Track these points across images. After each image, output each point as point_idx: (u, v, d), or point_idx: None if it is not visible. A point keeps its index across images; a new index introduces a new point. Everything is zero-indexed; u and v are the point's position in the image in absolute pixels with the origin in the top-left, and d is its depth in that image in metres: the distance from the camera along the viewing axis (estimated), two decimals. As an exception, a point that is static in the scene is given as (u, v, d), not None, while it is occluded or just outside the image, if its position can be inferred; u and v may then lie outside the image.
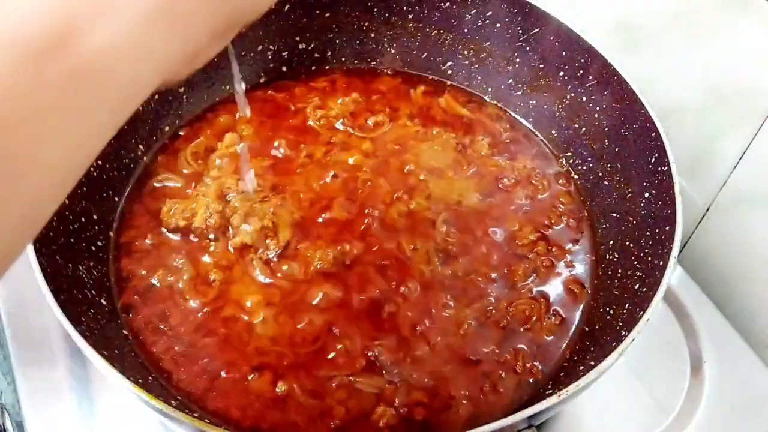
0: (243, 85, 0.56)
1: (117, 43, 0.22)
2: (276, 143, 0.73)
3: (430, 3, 0.78)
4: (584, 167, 0.73)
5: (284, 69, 0.81)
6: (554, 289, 0.64)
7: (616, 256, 0.65)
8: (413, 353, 0.57)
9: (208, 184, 0.66)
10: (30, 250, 0.48)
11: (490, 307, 0.61)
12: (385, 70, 0.83)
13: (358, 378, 0.56)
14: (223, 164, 0.69)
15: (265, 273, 0.61)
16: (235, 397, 0.54)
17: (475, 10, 0.77)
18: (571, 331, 0.61)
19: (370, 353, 0.57)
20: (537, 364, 0.58)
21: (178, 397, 0.54)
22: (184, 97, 0.74)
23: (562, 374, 0.58)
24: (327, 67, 0.82)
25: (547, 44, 0.74)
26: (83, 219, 0.60)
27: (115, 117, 0.24)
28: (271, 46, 0.79)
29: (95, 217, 0.62)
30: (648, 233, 0.61)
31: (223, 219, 0.63)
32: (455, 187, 0.70)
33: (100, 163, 0.64)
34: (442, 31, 0.80)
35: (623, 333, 0.51)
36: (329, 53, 0.82)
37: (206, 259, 0.62)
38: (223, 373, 0.55)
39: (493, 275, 0.63)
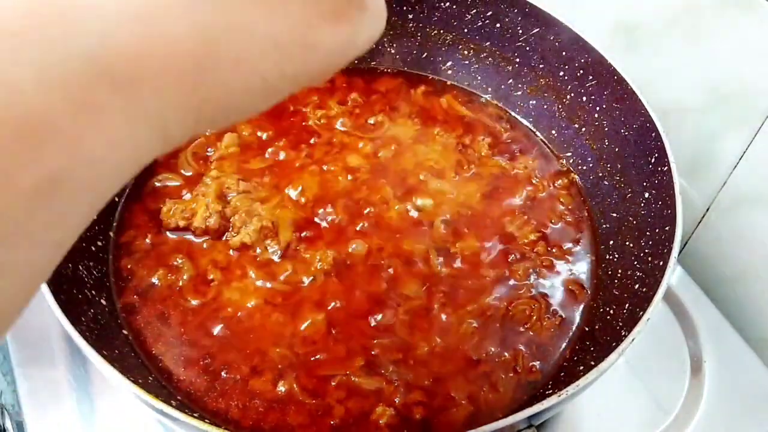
0: None
1: (103, 148, 0.20)
2: (276, 143, 0.73)
3: (430, 3, 0.78)
4: (584, 167, 0.73)
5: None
6: (554, 289, 0.64)
7: (616, 256, 0.65)
8: (413, 353, 0.57)
9: (208, 184, 0.66)
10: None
11: (490, 307, 0.61)
12: (385, 70, 0.83)
13: (357, 378, 0.56)
14: (224, 164, 0.69)
15: (265, 273, 0.61)
16: (235, 397, 0.54)
17: (475, 10, 0.77)
18: (571, 331, 0.61)
19: (369, 353, 0.57)
20: (537, 364, 0.58)
21: (178, 397, 0.54)
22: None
23: (562, 374, 0.58)
24: (327, 67, 0.82)
25: (547, 44, 0.74)
26: (83, 219, 0.60)
27: (90, 215, 0.22)
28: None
29: (95, 216, 0.61)
30: (648, 233, 0.61)
31: (223, 219, 0.63)
32: (455, 187, 0.70)
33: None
34: (442, 31, 0.80)
35: (623, 333, 0.51)
36: (329, 53, 0.82)
37: (206, 259, 0.62)
38: (223, 373, 0.55)
39: (493, 275, 0.63)
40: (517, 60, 0.78)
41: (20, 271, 0.19)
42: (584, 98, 0.73)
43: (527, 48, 0.76)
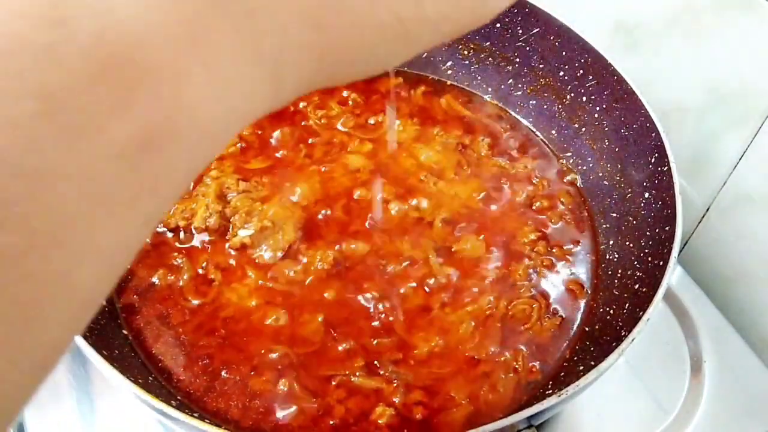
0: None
1: (210, 93, 0.15)
2: (276, 143, 0.73)
3: (430, 3, 0.78)
4: (584, 167, 0.73)
5: (284, 69, 0.80)
6: (554, 288, 0.64)
7: (616, 256, 0.65)
8: (413, 353, 0.57)
9: (208, 184, 0.66)
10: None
11: (490, 306, 0.61)
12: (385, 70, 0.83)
13: (357, 378, 0.56)
14: (224, 164, 0.69)
15: (265, 273, 0.61)
16: (235, 397, 0.54)
17: (475, 10, 0.77)
18: (571, 331, 0.61)
19: (369, 353, 0.57)
20: (537, 364, 0.58)
21: (178, 397, 0.54)
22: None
23: (562, 374, 0.58)
24: (327, 67, 0.82)
25: (547, 44, 0.74)
26: (83, 219, 0.60)
27: (186, 183, 0.17)
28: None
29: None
30: (648, 233, 0.61)
31: (223, 219, 0.63)
32: (455, 188, 0.70)
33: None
34: (442, 31, 0.80)
35: (623, 333, 0.51)
36: (329, 53, 0.82)
37: (206, 259, 0.62)
38: (223, 373, 0.55)
39: (493, 275, 0.63)
40: (517, 60, 0.78)
41: (103, 253, 0.14)
42: (584, 98, 0.73)
43: (527, 48, 0.76)
